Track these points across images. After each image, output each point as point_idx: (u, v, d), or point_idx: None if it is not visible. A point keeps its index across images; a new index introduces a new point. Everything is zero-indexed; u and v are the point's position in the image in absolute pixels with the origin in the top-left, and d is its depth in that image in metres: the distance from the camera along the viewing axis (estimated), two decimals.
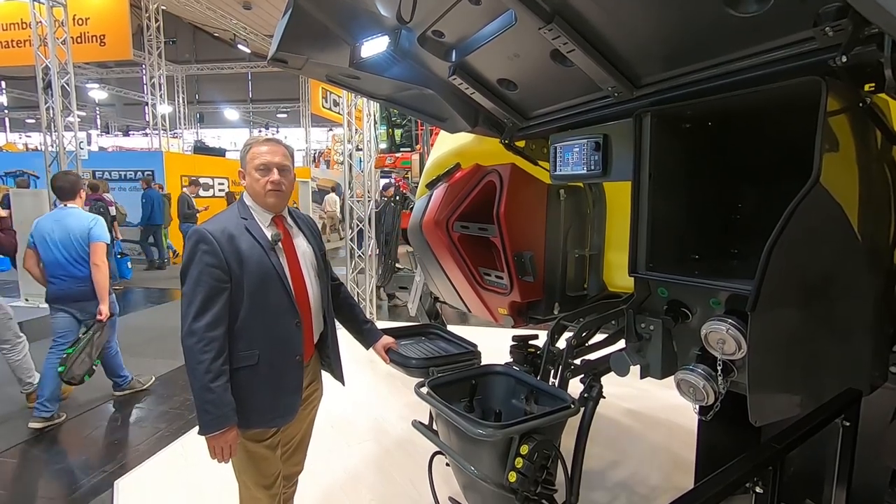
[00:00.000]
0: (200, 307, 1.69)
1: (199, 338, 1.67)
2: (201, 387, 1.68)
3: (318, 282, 1.99)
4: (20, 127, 28.23)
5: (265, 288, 1.79)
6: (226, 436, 1.72)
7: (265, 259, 1.80)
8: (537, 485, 1.70)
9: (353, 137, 6.82)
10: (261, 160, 1.83)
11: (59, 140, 7.54)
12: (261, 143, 1.88)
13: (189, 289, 1.71)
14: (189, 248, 1.74)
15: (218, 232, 1.74)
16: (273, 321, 1.81)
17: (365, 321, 2.26)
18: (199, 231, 1.75)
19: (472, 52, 1.79)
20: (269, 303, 1.80)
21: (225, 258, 1.72)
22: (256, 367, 1.79)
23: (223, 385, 1.70)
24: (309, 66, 1.96)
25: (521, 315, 2.75)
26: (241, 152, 1.92)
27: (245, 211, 1.86)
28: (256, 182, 1.84)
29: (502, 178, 2.52)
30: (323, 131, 26.76)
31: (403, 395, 4.07)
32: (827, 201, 1.25)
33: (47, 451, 3.44)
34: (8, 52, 10.61)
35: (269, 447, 1.89)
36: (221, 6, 16.27)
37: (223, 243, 1.73)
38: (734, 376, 1.43)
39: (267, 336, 1.81)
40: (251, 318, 1.77)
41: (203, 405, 1.69)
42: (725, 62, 1.40)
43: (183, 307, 1.72)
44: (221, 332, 1.71)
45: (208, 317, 1.69)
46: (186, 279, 1.73)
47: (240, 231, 1.79)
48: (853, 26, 1.09)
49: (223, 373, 1.70)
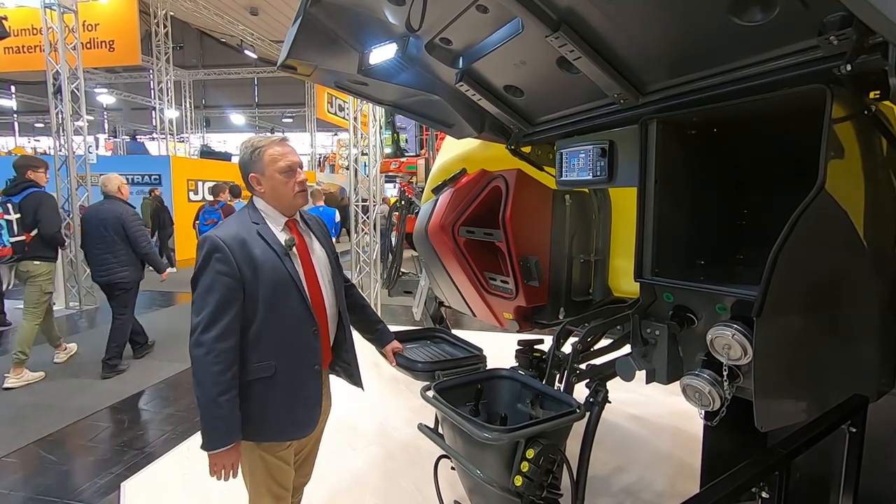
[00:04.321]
0: (211, 317, 1.62)
1: (208, 349, 1.60)
2: (209, 400, 1.60)
3: (332, 286, 1.92)
4: (29, 131, 28.45)
5: (280, 296, 1.72)
6: (230, 453, 1.65)
7: (280, 265, 1.73)
8: (543, 489, 1.71)
9: (358, 142, 6.85)
10: (284, 162, 1.76)
11: (69, 144, 7.62)
12: (275, 143, 1.79)
13: (200, 298, 1.65)
14: (202, 256, 1.67)
15: (230, 238, 1.68)
16: (289, 330, 1.74)
17: (377, 322, 2.23)
18: (210, 238, 1.68)
19: (480, 59, 1.80)
20: (284, 311, 1.73)
21: (238, 266, 1.66)
22: (273, 378, 1.72)
23: (232, 399, 1.62)
24: (318, 73, 1.98)
25: (527, 320, 2.75)
26: (248, 155, 1.78)
27: (256, 215, 1.79)
28: (284, 185, 1.76)
29: (508, 183, 2.54)
30: (328, 136, 26.88)
31: (409, 399, 4.08)
32: (832, 208, 1.26)
33: (53, 452, 3.46)
34: (19, 58, 10.75)
35: (282, 459, 1.84)
36: (229, 12, 16.42)
37: (235, 250, 1.67)
38: (740, 382, 1.43)
39: (283, 346, 1.73)
40: (266, 328, 1.70)
41: (210, 420, 1.62)
42: (731, 70, 1.41)
43: (193, 316, 1.65)
44: (232, 343, 1.64)
45: (219, 327, 1.62)
46: (197, 287, 1.66)
47: (252, 237, 1.72)
48: (857, 35, 1.10)
49: (232, 386, 1.63)
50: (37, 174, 4.71)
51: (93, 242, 4.72)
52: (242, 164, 1.81)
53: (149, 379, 4.76)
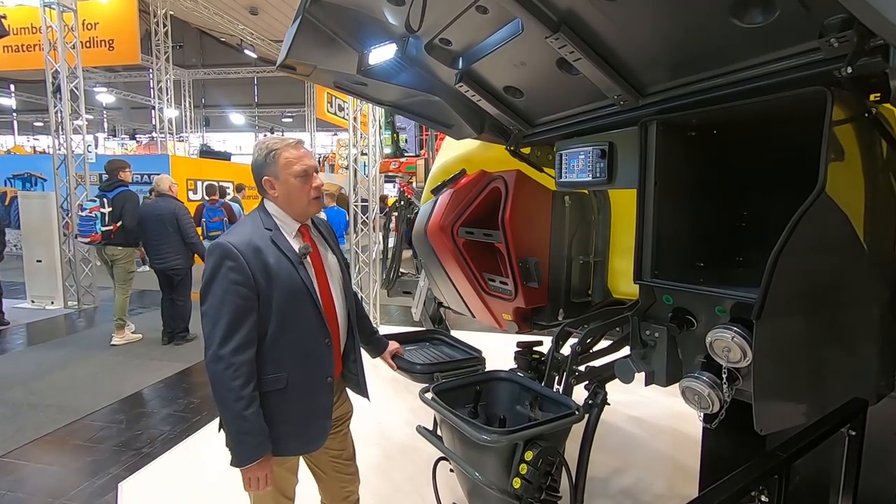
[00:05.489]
0: (227, 330, 1.54)
1: (227, 363, 1.53)
2: (234, 416, 1.54)
3: (343, 295, 1.87)
4: (28, 130, 28.42)
5: (294, 305, 1.66)
6: (263, 465, 1.60)
7: (294, 274, 1.66)
8: (541, 491, 1.70)
9: (358, 142, 6.85)
10: (300, 166, 1.69)
11: (68, 143, 7.61)
12: (292, 146, 1.71)
13: (213, 309, 1.57)
14: (212, 263, 1.59)
15: (243, 245, 1.60)
16: (303, 341, 1.69)
17: (373, 332, 2.21)
18: (222, 245, 1.59)
19: (479, 59, 1.80)
20: (298, 321, 1.67)
21: (252, 274, 1.58)
22: (285, 390, 1.67)
23: (256, 412, 1.57)
24: (317, 73, 1.98)
25: (526, 321, 2.75)
26: (262, 157, 1.70)
27: (269, 221, 1.71)
28: (299, 190, 1.69)
29: (507, 184, 2.53)
30: (328, 136, 26.87)
31: (407, 401, 4.08)
32: (832, 210, 1.26)
33: (52, 452, 3.46)
34: (18, 56, 10.74)
35: (289, 470, 1.82)
36: (228, 12, 16.41)
37: (249, 258, 1.59)
38: (739, 384, 1.42)
39: (296, 357, 1.68)
40: (279, 339, 1.64)
41: (238, 435, 1.56)
42: (731, 72, 1.40)
43: (206, 328, 1.57)
44: (251, 355, 1.58)
45: (236, 340, 1.54)
46: (209, 297, 1.58)
47: (266, 244, 1.64)
48: (858, 37, 1.09)
49: (255, 399, 1.57)
50: (125, 174, 5.81)
51: (150, 235, 5.43)
52: (256, 165, 1.73)
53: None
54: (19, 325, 6.68)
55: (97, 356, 5.42)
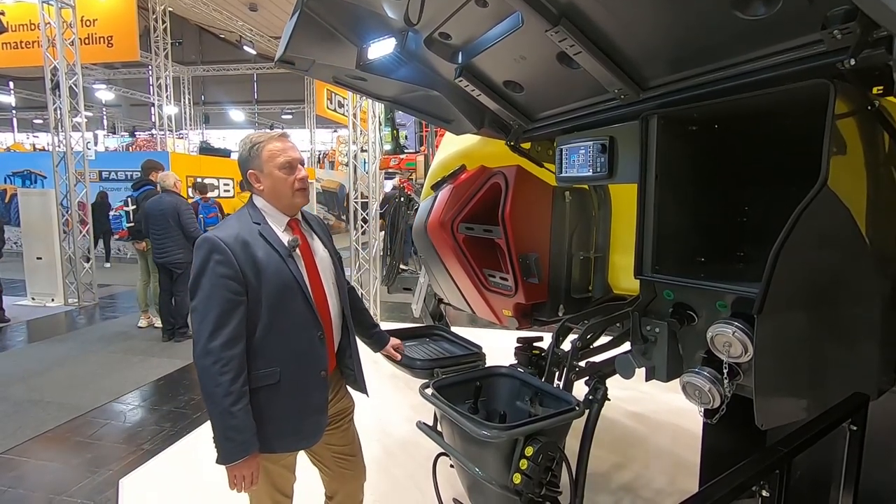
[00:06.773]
0: (216, 324, 1.54)
1: (215, 358, 1.52)
2: (222, 411, 1.53)
3: (336, 289, 1.87)
4: (28, 127, 28.38)
5: (285, 299, 1.65)
6: (249, 463, 1.58)
7: (283, 267, 1.66)
8: (542, 487, 1.70)
9: (357, 139, 6.83)
10: (284, 158, 1.69)
11: (67, 140, 7.60)
12: (274, 139, 1.72)
13: (201, 304, 1.56)
14: (200, 258, 1.59)
15: (231, 239, 1.60)
16: (294, 335, 1.68)
17: (373, 325, 2.20)
18: (209, 239, 1.60)
19: (479, 54, 1.79)
20: (289, 315, 1.66)
21: (240, 268, 1.58)
22: (277, 385, 1.65)
23: (245, 408, 1.56)
24: (316, 68, 1.97)
25: (526, 317, 2.75)
26: (246, 151, 1.72)
27: (257, 215, 1.71)
28: (283, 182, 1.70)
29: (507, 179, 2.53)
30: (328, 132, 26.82)
31: (407, 397, 4.08)
32: (834, 204, 1.25)
33: (53, 449, 3.46)
34: (17, 53, 10.73)
35: (286, 467, 1.81)
36: (228, 8, 16.35)
37: (237, 251, 1.59)
38: (740, 379, 1.42)
39: (288, 352, 1.67)
40: (270, 333, 1.64)
41: (224, 431, 1.54)
42: (733, 65, 1.39)
43: (194, 323, 1.57)
44: (240, 349, 1.57)
45: (225, 334, 1.54)
46: (197, 292, 1.58)
47: (254, 237, 1.65)
48: (861, 29, 1.08)
49: (244, 395, 1.56)
50: (156, 175, 6.14)
51: (153, 229, 5.55)
52: (241, 160, 1.75)
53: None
54: (20, 323, 6.69)
55: (98, 353, 5.44)
